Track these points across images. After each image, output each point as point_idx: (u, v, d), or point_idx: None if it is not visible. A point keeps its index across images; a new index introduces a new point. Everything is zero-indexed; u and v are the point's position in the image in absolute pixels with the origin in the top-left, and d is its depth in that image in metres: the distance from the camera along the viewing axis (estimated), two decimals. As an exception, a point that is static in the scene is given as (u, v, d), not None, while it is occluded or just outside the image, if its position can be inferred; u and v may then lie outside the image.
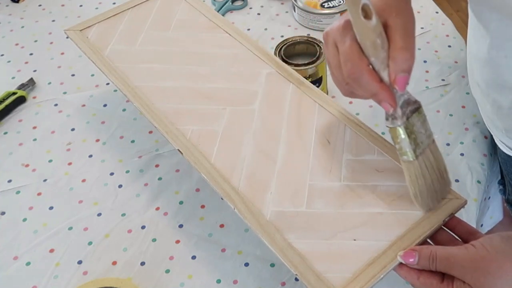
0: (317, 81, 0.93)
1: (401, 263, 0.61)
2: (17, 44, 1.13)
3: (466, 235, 0.64)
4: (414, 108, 0.64)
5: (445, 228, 0.66)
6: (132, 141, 0.93)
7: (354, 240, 0.64)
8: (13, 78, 1.05)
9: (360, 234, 0.64)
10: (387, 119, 0.64)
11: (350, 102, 0.97)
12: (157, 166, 0.90)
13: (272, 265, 0.77)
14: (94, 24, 0.92)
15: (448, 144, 0.91)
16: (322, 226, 0.65)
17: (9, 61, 1.09)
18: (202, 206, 0.84)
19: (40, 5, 1.21)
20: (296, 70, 0.84)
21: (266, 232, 0.65)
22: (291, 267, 0.62)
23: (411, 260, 0.59)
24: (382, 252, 0.62)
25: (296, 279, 0.75)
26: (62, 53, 1.09)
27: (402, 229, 0.64)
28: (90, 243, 0.80)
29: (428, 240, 0.65)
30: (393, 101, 0.61)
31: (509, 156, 0.86)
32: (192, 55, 0.87)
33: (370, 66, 0.62)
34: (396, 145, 0.64)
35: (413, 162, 0.63)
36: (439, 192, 0.66)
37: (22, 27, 1.17)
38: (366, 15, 0.59)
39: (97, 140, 0.94)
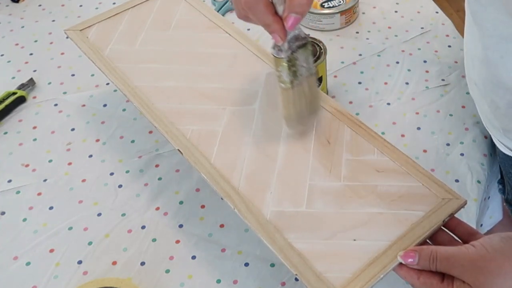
0: (317, 81, 0.93)
1: (401, 263, 0.61)
2: (17, 44, 1.13)
3: (467, 236, 0.64)
4: (301, 43, 0.68)
5: (444, 228, 0.66)
6: (132, 141, 0.93)
7: (354, 240, 0.64)
8: (13, 78, 1.05)
9: (360, 234, 0.64)
10: (273, 48, 0.68)
11: (350, 102, 0.97)
12: (157, 166, 0.90)
13: (272, 265, 0.77)
14: (94, 24, 0.92)
15: (448, 144, 0.91)
16: (322, 226, 0.65)
17: (9, 61, 1.09)
18: (202, 206, 0.84)
19: (40, 5, 1.21)
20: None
21: (266, 232, 0.65)
22: (291, 267, 0.62)
23: (411, 260, 0.59)
24: (382, 252, 0.62)
25: (296, 279, 0.75)
26: (62, 53, 1.09)
27: (402, 229, 0.64)
28: (90, 243, 0.80)
29: (428, 241, 0.65)
30: (283, 35, 0.65)
31: (507, 155, 0.86)
32: (192, 55, 0.87)
33: None
34: (277, 72, 0.69)
35: (288, 90, 0.69)
36: (306, 118, 0.74)
37: (22, 27, 1.17)
38: None
39: (97, 140, 0.94)
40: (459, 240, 0.65)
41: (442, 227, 0.65)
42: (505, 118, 0.80)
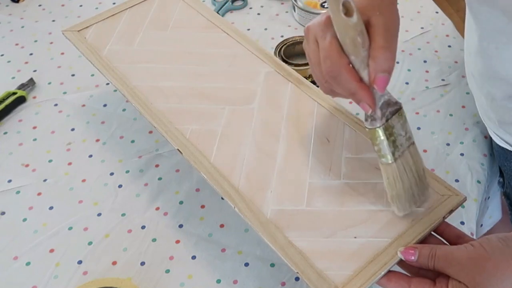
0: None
1: (387, 277, 0.61)
2: (17, 44, 1.13)
3: (455, 238, 0.64)
4: (394, 109, 0.62)
5: (433, 233, 0.66)
6: (132, 141, 0.93)
7: (355, 237, 0.64)
8: (13, 78, 1.05)
9: (360, 231, 0.64)
10: (366, 119, 0.62)
11: (350, 102, 0.97)
12: (157, 166, 0.89)
13: (272, 265, 0.77)
14: (92, 25, 0.92)
15: (448, 144, 0.91)
16: (322, 224, 0.65)
17: (9, 61, 1.09)
18: (202, 206, 0.84)
19: (40, 5, 1.21)
20: (296, 70, 0.84)
21: (267, 230, 0.65)
22: (292, 265, 0.62)
23: (412, 258, 0.60)
24: (383, 249, 0.62)
25: (296, 279, 0.75)
26: (62, 53, 1.09)
27: (402, 227, 0.64)
28: (90, 243, 0.80)
29: (433, 233, 0.65)
30: (372, 102, 0.60)
31: (502, 148, 0.86)
32: (191, 55, 0.87)
33: (350, 65, 0.60)
34: (375, 146, 0.63)
35: (391, 165, 0.62)
36: (417, 196, 0.65)
37: (22, 27, 1.17)
38: (347, 12, 0.58)
39: (97, 140, 0.94)
40: (467, 235, 0.65)
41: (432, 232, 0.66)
42: (500, 109, 0.80)
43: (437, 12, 1.15)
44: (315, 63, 0.63)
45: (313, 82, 0.91)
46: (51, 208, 0.85)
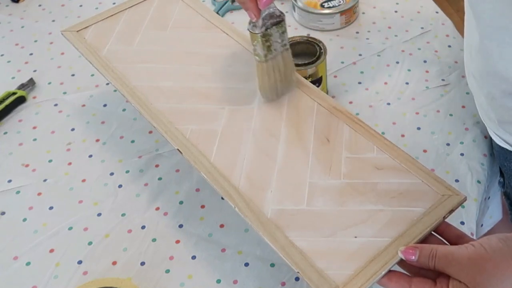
0: (317, 81, 0.93)
1: (388, 276, 0.61)
2: (17, 44, 1.13)
3: (455, 238, 0.64)
4: (276, 21, 0.74)
5: (434, 233, 0.66)
6: (132, 141, 0.93)
7: (355, 237, 0.64)
8: (13, 78, 1.05)
9: (360, 231, 0.64)
10: (249, 23, 0.74)
11: (350, 102, 0.97)
12: (157, 166, 0.89)
13: (272, 265, 0.77)
14: (91, 25, 0.92)
15: (448, 144, 0.91)
16: (322, 224, 0.65)
17: (9, 61, 1.09)
18: (202, 206, 0.84)
19: (40, 5, 1.21)
20: (296, 70, 0.84)
21: (267, 230, 0.65)
22: (292, 265, 0.61)
23: (412, 257, 0.60)
24: (383, 249, 0.62)
25: (296, 279, 0.75)
26: (62, 53, 1.09)
27: (402, 226, 0.64)
28: (90, 243, 0.80)
29: (433, 233, 0.65)
30: (257, 12, 0.72)
31: (502, 148, 0.86)
32: (190, 55, 0.87)
33: None
34: (252, 46, 0.76)
35: (262, 63, 0.76)
36: (279, 90, 0.79)
37: (22, 27, 1.17)
38: None
39: (97, 140, 0.94)
40: (468, 236, 0.65)
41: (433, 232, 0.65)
42: (500, 108, 0.80)
43: (437, 12, 1.15)
44: None
45: (313, 82, 0.91)
46: (51, 208, 0.85)
